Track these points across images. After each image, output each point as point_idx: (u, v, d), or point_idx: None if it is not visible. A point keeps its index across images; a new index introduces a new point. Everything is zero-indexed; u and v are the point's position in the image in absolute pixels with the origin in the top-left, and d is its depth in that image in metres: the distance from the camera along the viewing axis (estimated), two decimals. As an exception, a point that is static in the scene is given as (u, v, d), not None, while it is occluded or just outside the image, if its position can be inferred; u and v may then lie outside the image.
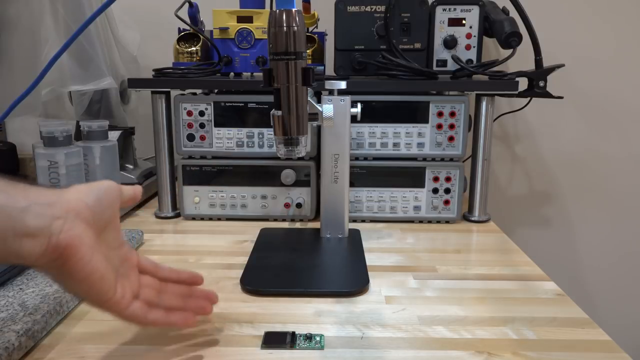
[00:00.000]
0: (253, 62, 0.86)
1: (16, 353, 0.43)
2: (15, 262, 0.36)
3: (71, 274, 0.37)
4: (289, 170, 0.83)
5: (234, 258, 0.69)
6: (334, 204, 0.75)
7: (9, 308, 0.49)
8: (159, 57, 1.00)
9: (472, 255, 0.72)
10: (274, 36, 0.53)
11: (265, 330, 0.50)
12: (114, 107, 0.96)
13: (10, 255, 0.36)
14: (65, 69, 0.85)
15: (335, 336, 0.49)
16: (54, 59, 0.67)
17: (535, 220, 1.21)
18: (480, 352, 0.46)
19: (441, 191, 0.84)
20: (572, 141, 1.16)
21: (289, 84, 0.55)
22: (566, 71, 0.93)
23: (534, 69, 0.85)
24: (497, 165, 1.18)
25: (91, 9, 0.84)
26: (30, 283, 0.55)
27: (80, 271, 0.37)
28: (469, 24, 0.90)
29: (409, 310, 0.55)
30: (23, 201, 0.36)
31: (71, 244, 0.37)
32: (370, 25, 0.89)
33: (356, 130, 0.82)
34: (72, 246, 0.37)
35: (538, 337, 0.49)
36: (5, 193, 0.36)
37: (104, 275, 0.39)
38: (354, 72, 0.91)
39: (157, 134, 0.85)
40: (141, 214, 0.90)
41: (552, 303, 0.57)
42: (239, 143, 0.83)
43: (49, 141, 0.73)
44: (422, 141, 0.82)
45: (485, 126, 0.84)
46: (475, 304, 0.56)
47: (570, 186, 1.19)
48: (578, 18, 1.10)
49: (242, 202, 0.85)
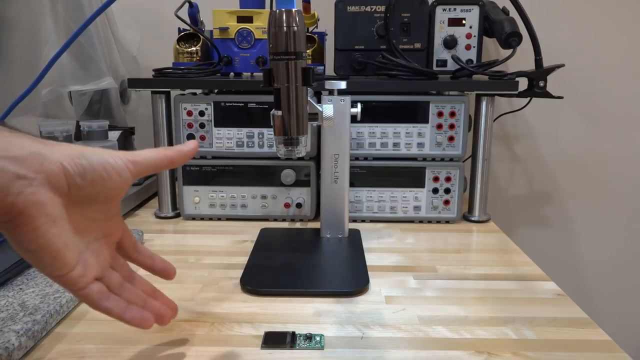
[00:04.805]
0: (253, 62, 0.86)
1: (16, 353, 0.43)
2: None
3: (20, 242, 0.33)
4: (289, 170, 0.83)
5: (234, 258, 0.69)
6: (334, 204, 0.75)
7: (9, 308, 0.49)
8: (159, 57, 1.00)
9: (472, 255, 0.72)
10: (274, 36, 0.53)
11: (265, 330, 0.50)
12: (114, 107, 0.97)
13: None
14: (65, 69, 0.85)
15: (335, 336, 0.49)
16: (54, 59, 0.67)
17: (535, 220, 1.21)
18: (480, 352, 0.46)
19: (441, 191, 0.84)
20: (572, 141, 1.16)
21: (289, 84, 0.55)
22: (566, 71, 0.93)
23: (534, 69, 0.85)
24: (497, 165, 1.18)
25: (91, 9, 0.84)
26: (30, 283, 0.55)
27: (32, 242, 0.33)
28: (469, 24, 0.90)
29: (409, 310, 0.55)
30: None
31: (26, 211, 0.32)
32: (370, 25, 0.89)
33: (356, 130, 0.82)
34: (26, 213, 0.32)
35: (538, 337, 0.49)
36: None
37: (59, 250, 0.34)
38: (354, 72, 0.91)
39: (157, 134, 0.85)
40: (141, 214, 0.90)
41: (552, 303, 0.57)
42: (239, 143, 0.83)
43: (49, 141, 0.73)
44: (422, 141, 0.82)
45: (485, 126, 0.84)
46: (475, 304, 0.56)
47: (570, 186, 1.19)
48: (578, 18, 1.10)
49: (242, 202, 0.85)
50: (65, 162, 0.34)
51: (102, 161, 0.36)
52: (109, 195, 0.38)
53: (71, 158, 0.35)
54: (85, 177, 0.35)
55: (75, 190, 0.35)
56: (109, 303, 0.38)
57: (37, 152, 0.33)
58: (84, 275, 0.36)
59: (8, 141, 0.33)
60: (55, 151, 0.34)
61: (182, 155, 0.42)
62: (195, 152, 0.43)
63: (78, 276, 0.36)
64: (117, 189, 0.38)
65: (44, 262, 0.34)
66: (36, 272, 0.57)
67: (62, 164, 0.34)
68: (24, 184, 0.32)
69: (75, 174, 0.35)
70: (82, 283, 0.36)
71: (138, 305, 0.41)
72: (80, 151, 0.36)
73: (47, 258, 0.34)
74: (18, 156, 0.32)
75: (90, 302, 0.38)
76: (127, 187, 0.39)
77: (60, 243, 0.34)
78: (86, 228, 0.38)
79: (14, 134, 0.34)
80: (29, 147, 0.33)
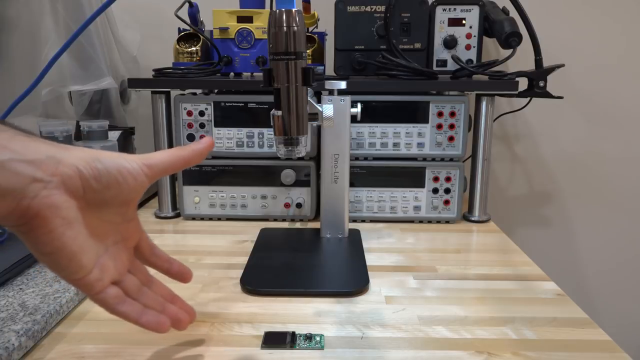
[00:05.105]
0: (253, 62, 0.86)
1: (16, 353, 0.43)
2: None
3: (36, 245, 0.34)
4: (289, 170, 0.83)
5: (234, 258, 0.69)
6: (334, 204, 0.75)
7: (9, 308, 0.49)
8: (159, 57, 1.00)
9: (472, 255, 0.72)
10: (274, 36, 0.53)
11: (265, 330, 0.50)
12: (114, 107, 0.96)
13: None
14: (65, 69, 0.85)
15: (335, 336, 0.49)
16: (54, 59, 0.67)
17: (535, 220, 1.21)
18: (480, 352, 0.46)
19: (441, 191, 0.84)
20: (572, 141, 1.16)
21: (289, 84, 0.55)
22: (566, 71, 0.93)
23: (534, 69, 0.85)
24: (497, 165, 1.18)
25: (91, 9, 0.84)
26: (30, 283, 0.55)
27: (48, 244, 0.33)
28: (469, 24, 0.90)
29: (409, 310, 0.55)
30: (4, 153, 0.31)
31: (42, 213, 0.32)
32: (370, 25, 0.89)
33: (356, 130, 0.82)
34: (42, 216, 0.32)
35: (538, 337, 0.49)
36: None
37: (76, 253, 0.34)
38: (354, 72, 0.91)
39: (157, 134, 0.85)
40: (141, 214, 0.90)
41: (552, 303, 0.57)
42: (239, 143, 0.83)
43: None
44: (422, 141, 0.82)
45: (485, 126, 0.84)
46: (475, 304, 0.56)
47: (570, 186, 1.19)
48: (578, 18, 1.10)
49: (242, 202, 0.85)
50: (81, 166, 0.35)
51: (117, 165, 0.37)
52: (125, 199, 0.38)
53: (87, 162, 0.35)
54: (100, 180, 0.36)
55: (91, 194, 0.35)
56: (125, 307, 0.38)
57: (53, 156, 0.34)
58: (100, 279, 0.37)
59: (25, 145, 0.33)
60: (71, 155, 0.35)
61: (196, 154, 0.42)
62: (210, 149, 0.43)
63: (95, 280, 0.36)
64: (132, 192, 0.38)
65: (61, 266, 0.35)
66: (36, 272, 0.57)
67: (77, 167, 0.34)
68: (39, 187, 0.32)
69: (90, 178, 0.35)
70: (99, 287, 0.37)
71: (156, 309, 0.41)
72: (95, 155, 0.36)
73: (64, 261, 0.34)
74: (34, 160, 0.32)
75: (106, 306, 0.38)
76: (143, 191, 0.39)
77: (75, 246, 0.34)
78: (103, 232, 0.38)
79: (30, 137, 0.34)
80: (45, 150, 0.34)
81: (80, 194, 0.35)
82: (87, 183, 0.35)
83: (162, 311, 0.41)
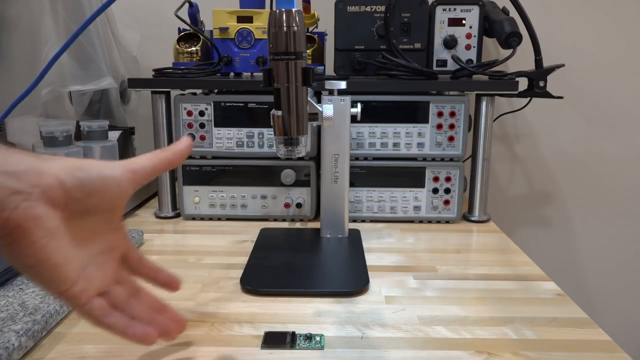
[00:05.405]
0: (253, 62, 0.86)
1: (16, 353, 0.43)
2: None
3: (19, 257, 0.33)
4: (289, 170, 0.83)
5: (234, 258, 0.69)
6: (334, 204, 0.75)
7: (9, 308, 0.49)
8: (159, 57, 1.00)
9: (472, 255, 0.72)
10: (274, 36, 0.53)
11: (265, 330, 0.50)
12: (114, 107, 0.96)
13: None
14: (65, 69, 0.85)
15: (335, 336, 0.49)
16: (54, 59, 0.67)
17: (535, 220, 1.21)
18: (480, 352, 0.46)
19: (441, 191, 0.84)
20: (572, 141, 1.16)
21: (289, 84, 0.55)
22: (566, 71, 0.93)
23: (534, 69, 0.85)
24: (497, 165, 1.18)
25: (91, 9, 0.84)
26: (30, 283, 0.55)
27: (31, 257, 0.33)
28: (469, 24, 0.90)
29: (409, 310, 0.55)
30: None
31: (23, 225, 0.32)
32: (370, 25, 0.89)
33: (356, 130, 0.82)
34: (23, 228, 0.32)
35: (538, 337, 0.49)
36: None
37: (59, 265, 0.34)
38: (354, 72, 0.91)
39: (157, 134, 0.85)
40: (141, 214, 0.90)
41: (552, 303, 0.57)
42: (239, 143, 0.83)
43: (49, 141, 0.73)
44: (422, 141, 0.82)
45: (485, 126, 0.84)
46: (475, 304, 0.56)
47: (570, 186, 1.19)
48: (578, 18, 1.10)
49: (242, 202, 0.85)
50: (62, 176, 0.34)
51: (99, 172, 0.36)
52: (109, 206, 0.38)
53: (68, 171, 0.35)
54: (82, 189, 0.35)
55: (74, 203, 0.35)
56: (111, 319, 0.38)
57: (33, 167, 0.33)
58: (85, 290, 0.36)
59: (4, 157, 0.33)
60: (52, 165, 0.34)
61: (178, 154, 0.42)
62: (190, 148, 0.43)
63: (80, 291, 0.36)
64: (116, 199, 0.38)
65: (45, 278, 0.34)
66: (36, 272, 0.57)
67: (59, 177, 0.34)
68: (20, 198, 0.32)
69: (72, 187, 0.35)
70: (85, 298, 0.36)
71: (143, 320, 0.40)
72: (77, 164, 0.36)
73: (47, 273, 0.34)
74: (15, 171, 0.32)
75: (92, 318, 0.37)
76: (127, 197, 0.39)
77: (59, 257, 0.34)
78: (88, 241, 0.37)
79: (10, 150, 0.34)
80: (26, 162, 0.33)
81: (63, 204, 0.34)
82: (69, 193, 0.35)
83: (150, 322, 0.41)
